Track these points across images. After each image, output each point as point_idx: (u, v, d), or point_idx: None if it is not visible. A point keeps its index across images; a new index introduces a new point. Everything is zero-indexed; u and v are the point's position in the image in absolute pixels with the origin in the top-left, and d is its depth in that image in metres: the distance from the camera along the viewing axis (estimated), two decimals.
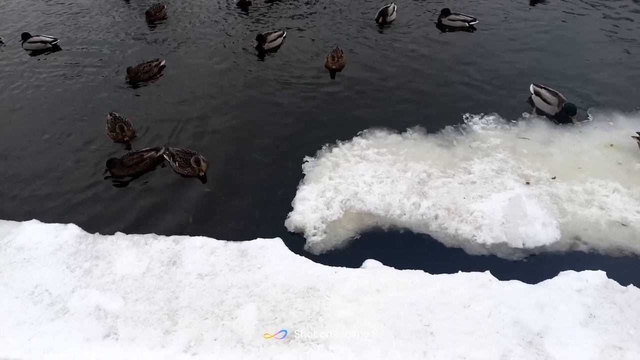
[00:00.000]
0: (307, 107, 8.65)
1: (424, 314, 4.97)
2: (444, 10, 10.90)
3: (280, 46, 10.32)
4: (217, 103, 8.90)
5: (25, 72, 10.28)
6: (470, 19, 10.84)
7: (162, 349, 4.80)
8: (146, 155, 7.44)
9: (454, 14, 10.91)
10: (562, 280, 5.28)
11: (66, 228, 6.17)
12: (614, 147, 7.23)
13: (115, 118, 8.08)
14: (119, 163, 7.28)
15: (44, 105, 9.17)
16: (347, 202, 6.50)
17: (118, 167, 7.27)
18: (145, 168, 7.40)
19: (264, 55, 10.01)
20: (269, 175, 7.21)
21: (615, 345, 4.64)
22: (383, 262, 5.61)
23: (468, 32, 10.80)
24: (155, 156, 7.49)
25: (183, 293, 5.31)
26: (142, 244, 5.94)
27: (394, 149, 7.37)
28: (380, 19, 10.80)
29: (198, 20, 12.01)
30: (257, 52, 10.03)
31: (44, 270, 5.62)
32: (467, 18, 10.85)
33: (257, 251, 5.74)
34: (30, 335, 4.95)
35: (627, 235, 5.96)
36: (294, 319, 4.97)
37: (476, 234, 6.03)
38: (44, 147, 8.05)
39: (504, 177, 6.78)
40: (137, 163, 7.33)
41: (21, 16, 12.97)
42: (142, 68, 9.57)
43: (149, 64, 9.69)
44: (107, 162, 7.28)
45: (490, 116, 8.00)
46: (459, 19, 10.85)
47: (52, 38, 10.93)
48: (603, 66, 9.32)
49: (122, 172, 7.31)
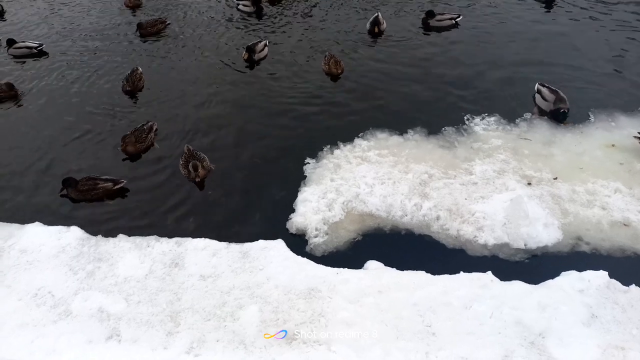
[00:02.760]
0: (308, 109, 8.66)
1: (425, 315, 4.98)
2: (429, 12, 10.97)
3: (267, 55, 10.26)
4: (217, 107, 8.90)
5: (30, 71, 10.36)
6: (456, 15, 11.00)
7: (165, 350, 4.81)
8: (100, 185, 6.86)
9: (439, 14, 11.01)
10: (564, 280, 5.28)
11: (69, 231, 6.19)
12: (615, 148, 7.23)
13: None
14: (74, 184, 6.85)
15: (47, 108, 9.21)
16: (349, 204, 6.51)
17: (72, 189, 6.85)
18: (96, 198, 6.84)
19: (258, 63, 9.98)
20: (271, 177, 7.22)
21: (618, 346, 4.63)
22: (385, 263, 5.62)
23: (468, 31, 10.82)
24: (111, 188, 6.88)
25: (185, 295, 5.32)
26: (144, 246, 5.96)
27: (396, 151, 7.38)
28: (376, 29, 10.65)
29: (200, 30, 11.87)
30: (248, 63, 9.95)
31: (47, 273, 5.64)
32: (453, 16, 11.00)
33: (259, 253, 5.75)
34: (33, 337, 4.97)
35: (629, 236, 5.95)
36: (296, 320, 4.98)
37: (478, 234, 6.03)
38: (47, 149, 8.08)
39: (505, 177, 6.79)
40: (89, 190, 6.82)
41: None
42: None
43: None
44: (63, 180, 6.89)
45: (491, 117, 8.01)
46: (445, 18, 10.96)
47: (37, 43, 10.92)
48: (605, 66, 9.31)
49: (73, 194, 6.88)
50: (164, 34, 11.51)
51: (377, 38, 10.74)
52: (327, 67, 9.44)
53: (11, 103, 9.28)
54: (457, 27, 10.94)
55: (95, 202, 6.91)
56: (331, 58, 9.48)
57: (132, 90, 9.30)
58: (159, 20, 11.69)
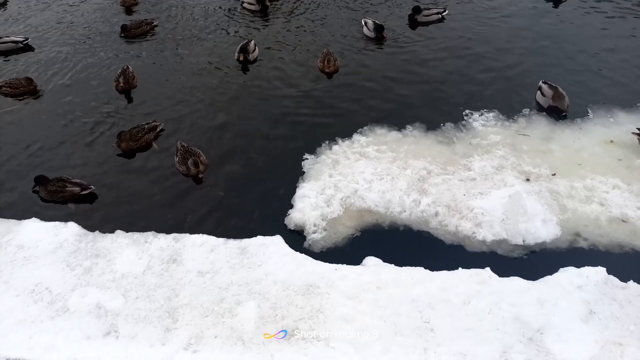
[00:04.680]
0: (306, 105, 8.62)
1: (424, 311, 4.98)
2: (415, 8, 10.93)
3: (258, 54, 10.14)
4: (215, 102, 8.86)
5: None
6: (442, 9, 11.07)
7: (163, 346, 4.80)
8: (68, 188, 6.73)
9: (425, 9, 11.01)
10: (562, 276, 5.28)
11: (66, 226, 6.16)
12: (614, 144, 7.23)
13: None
14: (45, 183, 6.79)
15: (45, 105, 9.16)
16: (347, 200, 6.50)
17: (42, 188, 6.81)
18: (62, 200, 6.76)
19: (255, 62, 9.88)
20: (269, 173, 7.20)
21: (616, 342, 4.64)
22: (383, 259, 5.62)
23: (466, 26, 10.77)
24: (78, 193, 6.73)
25: (183, 291, 5.31)
26: (142, 242, 5.94)
27: (394, 146, 7.36)
28: (385, 35, 10.27)
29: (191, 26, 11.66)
30: (242, 64, 9.79)
31: (44, 269, 5.62)
32: (439, 10, 11.05)
33: (257, 249, 5.74)
34: (31, 334, 4.95)
35: (627, 232, 5.96)
36: (294, 317, 4.97)
37: (476, 230, 6.03)
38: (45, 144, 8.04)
39: (504, 173, 6.78)
40: (56, 192, 6.74)
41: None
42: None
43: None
44: (35, 178, 6.87)
45: (490, 113, 8.00)
46: (432, 12, 10.98)
47: (22, 38, 10.82)
48: (603, 62, 9.30)
49: (42, 193, 6.85)
50: (150, 37, 11.04)
51: (377, 38, 10.57)
52: (322, 64, 9.36)
53: (30, 98, 9.21)
54: (443, 21, 10.95)
55: (60, 203, 6.82)
56: (327, 55, 9.41)
57: (127, 89, 9.17)
58: (145, 22, 11.22)
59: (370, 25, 10.37)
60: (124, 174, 7.37)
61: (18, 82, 9.19)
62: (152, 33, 11.17)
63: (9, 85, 9.19)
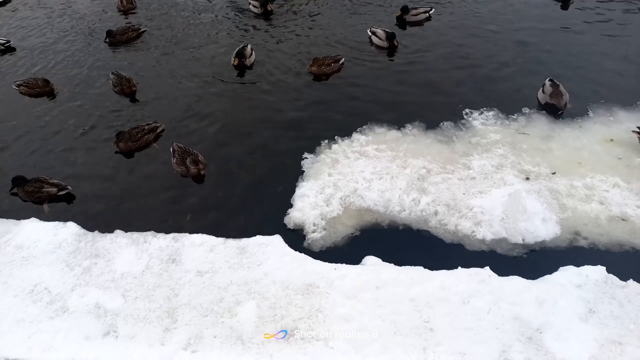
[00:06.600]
0: (305, 104, 8.62)
1: (423, 310, 4.97)
2: (404, 7, 10.94)
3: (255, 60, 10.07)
4: (213, 103, 8.84)
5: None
6: (428, 8, 11.13)
7: (162, 346, 4.80)
8: (45, 188, 6.71)
9: (412, 8, 11.02)
10: (562, 275, 5.28)
11: (65, 226, 6.16)
12: (614, 142, 7.21)
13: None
14: (22, 184, 6.75)
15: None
16: (347, 199, 6.49)
17: (20, 189, 6.78)
18: (38, 201, 6.74)
19: (251, 67, 9.81)
20: (268, 172, 7.19)
21: (615, 341, 4.64)
22: (382, 259, 5.62)
23: (466, 25, 10.76)
24: (55, 193, 6.71)
25: (182, 291, 5.31)
26: (141, 241, 5.94)
27: (394, 145, 7.35)
28: (396, 43, 10.02)
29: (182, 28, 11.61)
30: (238, 69, 9.70)
31: (43, 269, 5.62)
32: (426, 9, 11.11)
33: (257, 248, 5.74)
34: (30, 334, 4.96)
35: (627, 230, 5.95)
36: (294, 316, 4.97)
37: (476, 229, 6.02)
38: (44, 144, 8.04)
39: (503, 172, 6.77)
40: (33, 192, 6.72)
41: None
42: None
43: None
44: (12, 179, 6.82)
45: (489, 112, 7.98)
46: (420, 12, 11.01)
47: (4, 40, 10.79)
48: (603, 61, 9.27)
49: (21, 194, 6.82)
50: (137, 44, 10.85)
51: (389, 47, 10.42)
52: (316, 67, 9.28)
53: (46, 98, 9.20)
54: (430, 20, 11.02)
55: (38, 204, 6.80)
56: (324, 59, 9.33)
57: (127, 92, 9.10)
58: (131, 28, 11.01)
59: (381, 34, 10.15)
60: (124, 173, 7.36)
61: (35, 82, 9.21)
62: (142, 39, 10.96)
63: (26, 84, 9.23)
